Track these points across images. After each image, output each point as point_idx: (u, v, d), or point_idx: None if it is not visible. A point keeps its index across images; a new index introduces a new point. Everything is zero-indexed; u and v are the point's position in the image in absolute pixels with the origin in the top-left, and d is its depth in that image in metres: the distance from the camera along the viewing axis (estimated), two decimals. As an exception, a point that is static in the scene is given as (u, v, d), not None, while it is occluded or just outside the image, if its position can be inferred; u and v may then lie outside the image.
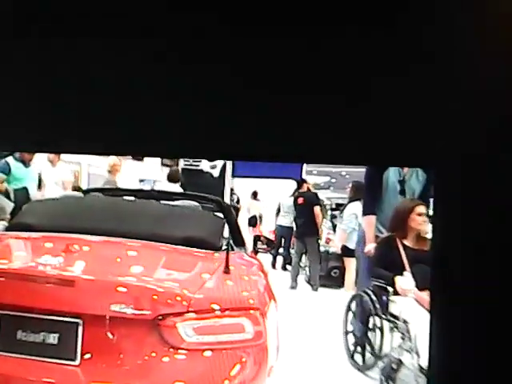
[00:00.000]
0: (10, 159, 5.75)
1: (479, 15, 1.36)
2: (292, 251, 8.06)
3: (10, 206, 5.20)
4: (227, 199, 7.20)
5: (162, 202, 4.45)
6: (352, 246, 6.27)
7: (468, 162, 1.39)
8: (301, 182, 7.65)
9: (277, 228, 8.47)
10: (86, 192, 4.91)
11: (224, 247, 3.56)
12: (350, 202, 6.50)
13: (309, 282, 7.39)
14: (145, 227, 3.48)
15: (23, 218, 3.75)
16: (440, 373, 1.43)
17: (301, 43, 1.40)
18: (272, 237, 8.29)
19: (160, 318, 2.68)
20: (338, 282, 7.03)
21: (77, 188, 6.30)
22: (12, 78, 1.42)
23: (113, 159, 6.48)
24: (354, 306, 4.82)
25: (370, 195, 4.84)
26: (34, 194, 5.83)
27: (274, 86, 1.41)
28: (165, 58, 1.44)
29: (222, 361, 2.70)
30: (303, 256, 7.63)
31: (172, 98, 1.43)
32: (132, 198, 4.56)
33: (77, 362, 2.64)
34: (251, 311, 2.84)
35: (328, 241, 7.68)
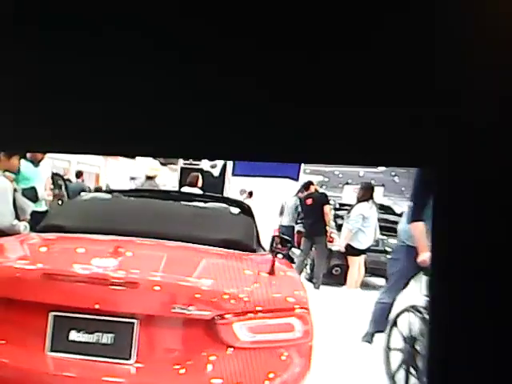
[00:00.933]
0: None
1: (479, 15, 1.35)
2: (294, 250, 8.07)
3: (29, 206, 5.18)
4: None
5: (184, 203, 4.47)
6: (356, 245, 6.32)
7: (468, 162, 1.38)
8: (308, 183, 7.69)
9: (280, 227, 8.52)
10: (110, 193, 4.90)
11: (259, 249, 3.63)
12: (358, 202, 6.54)
13: (310, 280, 7.40)
14: (181, 229, 3.52)
15: (54, 220, 3.77)
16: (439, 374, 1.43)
17: (300, 43, 1.40)
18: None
19: (217, 317, 2.73)
20: (340, 280, 7.05)
21: (98, 189, 6.29)
22: (12, 79, 1.42)
23: (154, 165, 6.50)
24: (400, 323, 4.54)
25: (418, 201, 4.57)
26: (42, 194, 5.82)
27: (274, 88, 1.41)
28: (165, 58, 1.44)
29: (272, 359, 2.78)
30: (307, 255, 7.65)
31: (172, 99, 1.44)
32: (156, 200, 4.56)
33: (131, 361, 2.69)
34: (300, 310, 2.91)
35: (331, 240, 7.70)
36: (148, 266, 3.10)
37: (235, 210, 4.57)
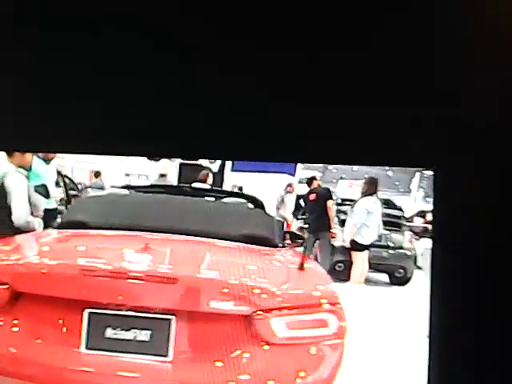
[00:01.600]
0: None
1: (479, 15, 1.35)
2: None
3: (42, 202, 5.15)
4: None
5: (206, 198, 4.45)
6: (360, 240, 6.26)
7: (468, 162, 1.38)
8: (311, 179, 7.62)
9: None
10: (126, 189, 4.86)
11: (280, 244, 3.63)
12: (362, 196, 6.46)
13: (313, 276, 7.36)
14: (205, 224, 3.49)
15: (75, 216, 3.72)
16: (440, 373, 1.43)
17: (300, 43, 1.40)
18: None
19: (255, 313, 2.72)
20: (343, 276, 6.99)
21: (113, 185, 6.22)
22: (12, 79, 1.43)
23: (165, 164, 6.45)
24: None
25: None
26: (53, 192, 5.78)
27: (274, 88, 1.41)
28: (165, 58, 1.44)
29: (306, 355, 2.76)
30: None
31: (172, 99, 1.44)
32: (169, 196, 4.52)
33: (169, 358, 2.67)
34: (334, 306, 2.90)
35: (333, 235, 7.65)
36: (183, 261, 3.06)
37: (251, 205, 4.54)
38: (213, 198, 4.42)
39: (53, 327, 2.68)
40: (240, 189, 7.98)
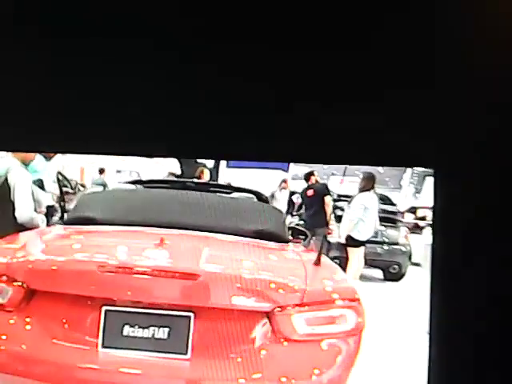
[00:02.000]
0: None
1: (479, 15, 1.35)
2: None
3: (45, 198, 5.13)
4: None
5: (215, 194, 4.41)
6: (356, 236, 6.27)
7: (468, 162, 1.39)
8: (308, 174, 7.62)
9: None
10: (133, 184, 4.81)
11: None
12: (359, 192, 6.48)
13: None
14: (215, 220, 3.46)
15: (83, 212, 3.66)
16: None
17: (300, 43, 1.40)
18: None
19: (276, 309, 2.70)
20: (339, 272, 7.00)
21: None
22: (12, 79, 1.43)
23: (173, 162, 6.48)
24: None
25: None
26: (50, 188, 5.78)
27: (274, 88, 1.41)
28: (165, 58, 1.44)
29: (325, 351, 2.74)
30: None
31: (172, 99, 1.44)
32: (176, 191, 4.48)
33: (188, 356, 2.63)
34: (352, 301, 2.89)
35: (330, 232, 7.65)
36: (201, 257, 3.02)
37: (256, 200, 4.52)
38: (231, 194, 4.40)
39: (68, 325, 2.65)
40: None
